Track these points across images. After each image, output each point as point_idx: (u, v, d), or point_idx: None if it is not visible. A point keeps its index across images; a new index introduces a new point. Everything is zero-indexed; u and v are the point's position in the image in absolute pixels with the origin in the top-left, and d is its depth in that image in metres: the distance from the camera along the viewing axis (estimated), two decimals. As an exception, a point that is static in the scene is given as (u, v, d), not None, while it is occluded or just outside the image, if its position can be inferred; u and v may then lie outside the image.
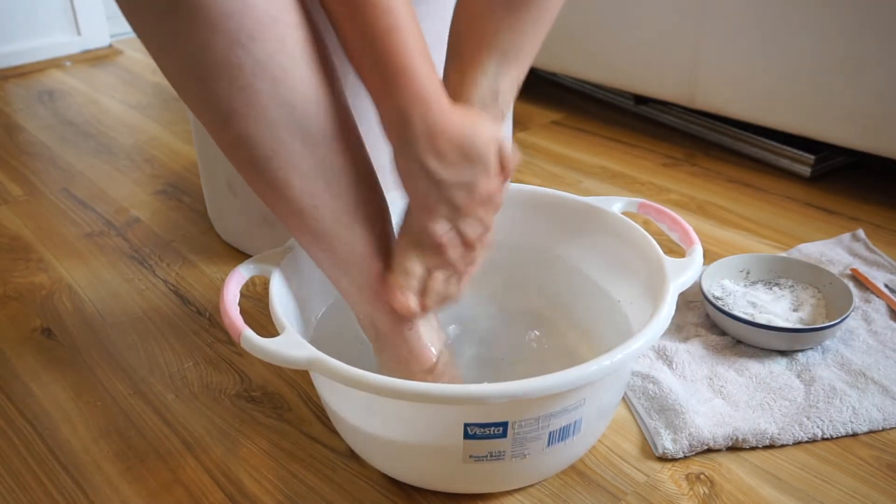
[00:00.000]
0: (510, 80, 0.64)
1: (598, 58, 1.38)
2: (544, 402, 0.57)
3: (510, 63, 0.64)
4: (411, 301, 0.63)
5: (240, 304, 0.64)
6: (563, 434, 0.60)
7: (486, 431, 0.58)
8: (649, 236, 0.72)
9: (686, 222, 0.74)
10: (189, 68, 0.55)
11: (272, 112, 0.57)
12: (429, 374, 0.67)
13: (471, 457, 0.59)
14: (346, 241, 0.64)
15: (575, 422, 0.60)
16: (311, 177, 0.61)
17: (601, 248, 0.78)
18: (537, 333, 0.80)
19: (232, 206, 1.00)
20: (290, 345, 0.59)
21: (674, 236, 0.74)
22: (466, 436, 0.58)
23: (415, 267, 0.63)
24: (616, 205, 0.78)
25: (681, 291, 0.65)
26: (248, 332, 0.59)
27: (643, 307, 0.69)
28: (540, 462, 0.62)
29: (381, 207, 0.66)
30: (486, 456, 0.59)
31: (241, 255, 1.02)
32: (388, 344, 0.67)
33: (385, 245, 0.66)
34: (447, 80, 0.64)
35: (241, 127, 0.57)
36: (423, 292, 0.64)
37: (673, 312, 0.62)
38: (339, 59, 0.63)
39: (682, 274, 0.66)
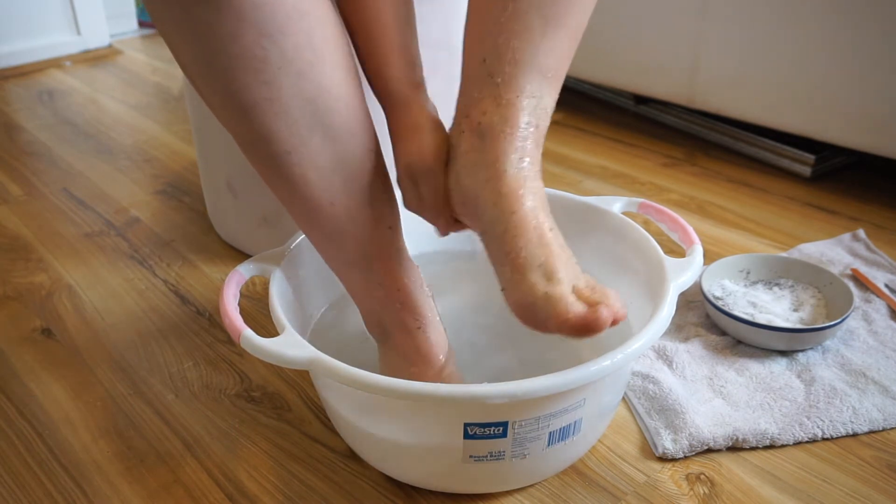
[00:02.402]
0: (549, 101, 0.61)
1: (598, 58, 1.38)
2: (544, 402, 0.57)
3: (549, 84, 0.60)
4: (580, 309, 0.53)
5: (240, 304, 0.64)
6: (563, 434, 0.60)
7: (486, 431, 0.58)
8: (649, 236, 0.72)
9: (686, 222, 0.74)
10: (212, 60, 0.54)
11: (294, 107, 0.56)
12: (434, 374, 0.67)
13: (471, 457, 0.59)
14: (359, 239, 0.64)
15: (575, 422, 0.60)
16: (329, 174, 0.60)
17: (601, 247, 0.78)
18: (538, 334, 0.80)
19: (232, 207, 1.00)
20: (290, 345, 0.59)
21: (674, 236, 0.74)
22: (466, 436, 0.58)
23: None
24: (616, 205, 0.78)
25: (681, 291, 0.65)
26: (248, 332, 0.59)
27: (643, 307, 0.69)
28: (540, 462, 0.62)
29: (393, 206, 0.66)
30: (486, 456, 0.59)
31: (241, 255, 1.02)
32: (395, 344, 0.67)
33: (396, 244, 0.66)
34: (480, 105, 0.59)
35: (261, 121, 0.56)
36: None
37: (673, 312, 0.62)
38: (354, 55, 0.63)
39: (682, 274, 0.66)
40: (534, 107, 0.59)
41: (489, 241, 0.58)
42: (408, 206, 0.65)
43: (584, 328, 0.52)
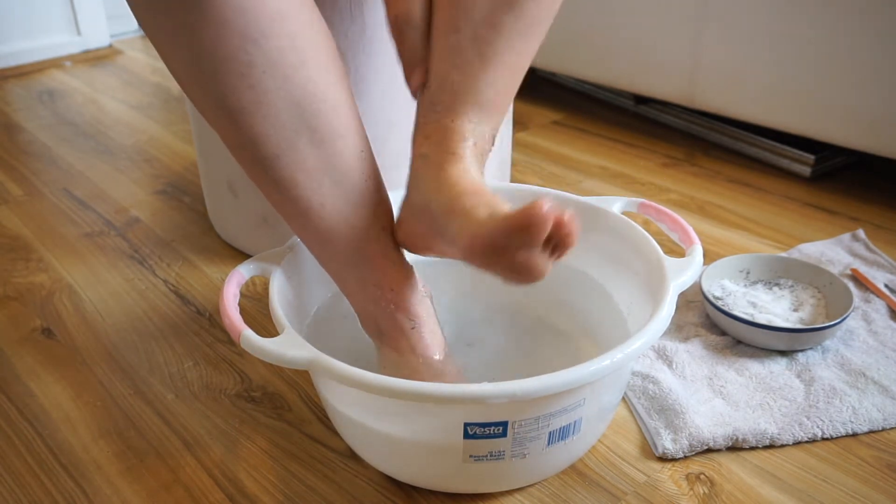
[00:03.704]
0: (488, 128, 0.63)
1: (598, 58, 1.38)
2: (544, 401, 0.57)
3: (487, 114, 0.62)
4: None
5: (240, 304, 0.64)
6: (562, 434, 0.60)
7: (486, 431, 0.58)
8: (649, 236, 0.72)
9: (686, 222, 0.74)
10: (198, 65, 0.54)
11: (280, 111, 0.57)
12: (430, 373, 0.67)
13: (471, 457, 0.59)
14: (352, 241, 0.64)
15: (574, 422, 0.60)
16: (318, 176, 0.60)
17: (601, 247, 0.78)
18: (537, 334, 0.80)
19: (232, 207, 1.00)
20: (291, 345, 0.59)
21: (674, 236, 0.74)
22: (466, 436, 0.58)
23: None
24: (616, 205, 0.78)
25: (681, 291, 0.65)
26: (248, 332, 0.59)
27: (643, 307, 0.69)
28: (540, 462, 0.62)
29: (386, 207, 0.66)
30: (486, 456, 0.59)
31: (241, 255, 1.02)
32: (391, 343, 0.67)
33: (389, 245, 0.66)
34: (423, 130, 0.62)
35: (248, 125, 0.57)
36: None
37: (673, 312, 0.62)
38: (344, 58, 0.63)
39: (682, 274, 0.66)
40: (471, 130, 0.61)
41: (442, 234, 0.59)
42: (398, 53, 0.64)
43: (530, 221, 0.49)
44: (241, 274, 0.68)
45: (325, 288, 0.78)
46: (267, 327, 0.87)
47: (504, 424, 0.57)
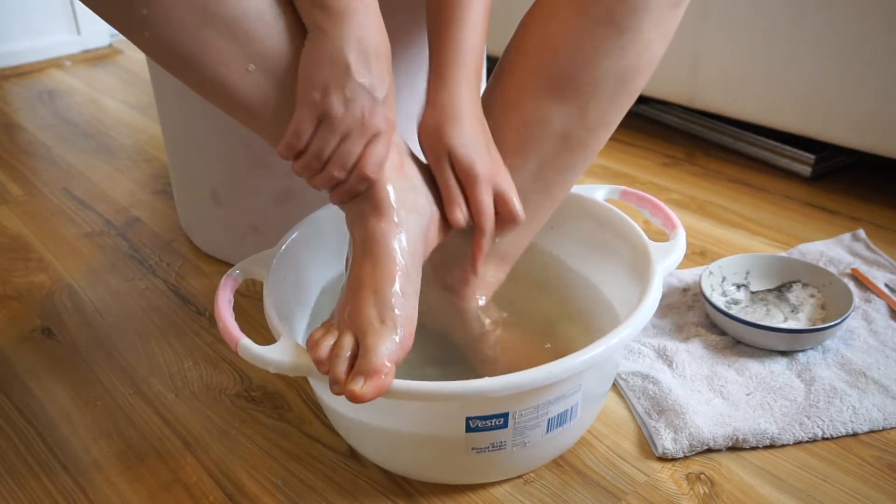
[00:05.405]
0: (503, 273, 0.73)
1: (598, 58, 1.37)
2: (544, 390, 0.57)
3: (507, 263, 0.72)
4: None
5: (241, 306, 0.64)
6: (560, 420, 0.61)
7: (487, 423, 0.58)
8: (633, 222, 0.75)
9: (667, 207, 0.76)
10: None
11: (178, 12, 0.54)
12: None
13: (473, 449, 0.60)
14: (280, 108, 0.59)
15: (571, 407, 0.61)
16: (243, 70, 0.56)
17: (586, 234, 0.80)
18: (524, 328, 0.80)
19: (215, 216, 0.98)
20: (288, 352, 0.58)
21: (656, 221, 0.76)
22: (468, 429, 0.58)
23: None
24: (599, 192, 0.79)
25: (667, 273, 0.67)
26: (245, 341, 0.58)
27: (631, 290, 0.71)
28: (540, 449, 0.63)
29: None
30: (489, 447, 0.60)
31: (228, 262, 1.02)
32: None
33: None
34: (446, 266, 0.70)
35: (154, 32, 0.54)
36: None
37: (660, 294, 0.64)
38: None
39: (667, 257, 0.68)
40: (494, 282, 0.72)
41: None
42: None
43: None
44: (234, 279, 0.67)
45: (320, 284, 0.78)
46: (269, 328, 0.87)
47: (505, 416, 0.58)
